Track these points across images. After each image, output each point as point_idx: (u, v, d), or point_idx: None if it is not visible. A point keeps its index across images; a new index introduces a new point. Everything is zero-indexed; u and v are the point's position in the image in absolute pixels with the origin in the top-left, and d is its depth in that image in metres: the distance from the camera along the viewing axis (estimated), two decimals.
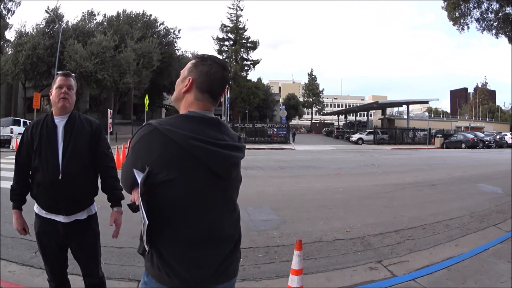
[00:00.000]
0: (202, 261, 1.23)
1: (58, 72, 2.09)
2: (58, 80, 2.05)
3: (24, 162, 2.04)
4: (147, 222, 1.15)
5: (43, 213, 2.02)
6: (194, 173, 1.21)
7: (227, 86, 1.37)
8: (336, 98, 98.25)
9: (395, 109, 63.06)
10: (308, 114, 72.94)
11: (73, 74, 2.15)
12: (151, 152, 1.20)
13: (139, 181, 1.16)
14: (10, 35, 28.63)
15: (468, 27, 12.43)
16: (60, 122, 2.03)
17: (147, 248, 1.22)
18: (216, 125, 1.29)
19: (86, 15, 31.18)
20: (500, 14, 11.84)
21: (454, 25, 12.52)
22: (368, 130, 37.81)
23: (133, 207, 1.21)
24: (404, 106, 48.39)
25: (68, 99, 2.04)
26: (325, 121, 75.65)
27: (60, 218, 1.99)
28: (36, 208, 2.05)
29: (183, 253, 1.21)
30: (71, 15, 65.18)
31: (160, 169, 1.18)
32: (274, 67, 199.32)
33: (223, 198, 1.30)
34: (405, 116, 44.92)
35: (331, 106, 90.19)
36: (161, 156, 1.19)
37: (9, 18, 28.65)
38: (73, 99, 2.08)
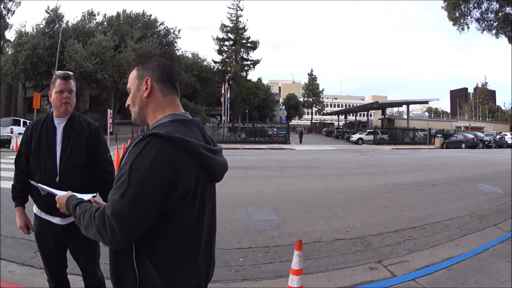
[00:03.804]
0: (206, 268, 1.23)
1: (56, 72, 2.06)
2: (58, 84, 2.03)
3: (24, 162, 2.04)
4: None
5: (42, 214, 2.02)
6: (204, 184, 1.13)
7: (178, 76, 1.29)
8: (336, 98, 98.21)
9: (395, 109, 63.03)
10: (308, 114, 72.96)
11: (71, 73, 2.13)
12: (164, 176, 1.02)
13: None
14: (10, 35, 28.65)
15: (468, 27, 12.45)
16: (59, 124, 2.03)
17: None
18: (201, 128, 1.21)
19: (86, 15, 31.15)
20: (500, 14, 11.84)
21: (454, 25, 12.52)
22: (368, 130, 37.74)
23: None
24: (404, 106, 48.35)
25: (70, 103, 2.04)
26: (325, 121, 75.66)
27: (57, 220, 1.99)
28: (35, 209, 2.06)
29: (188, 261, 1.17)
30: (71, 15, 65.15)
31: (176, 189, 1.04)
32: (274, 67, 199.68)
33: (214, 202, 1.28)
34: (405, 116, 44.86)
35: (331, 106, 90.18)
36: (180, 174, 1.04)
37: (9, 18, 28.66)
38: (74, 102, 2.08)
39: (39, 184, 1.62)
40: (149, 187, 1.00)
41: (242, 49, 45.17)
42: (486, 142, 29.31)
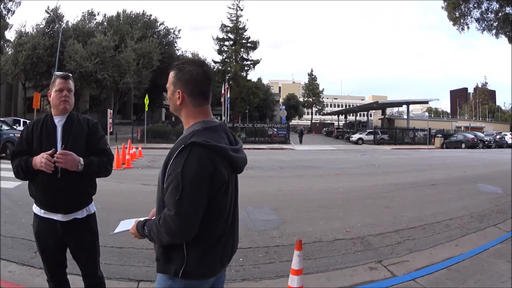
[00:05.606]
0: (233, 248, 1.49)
1: (56, 73, 2.15)
2: (57, 83, 2.06)
3: (22, 154, 2.01)
4: None
5: (42, 213, 2.02)
6: (231, 176, 1.38)
7: (212, 79, 1.46)
8: (336, 98, 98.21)
9: (395, 109, 63.10)
10: (308, 114, 72.95)
11: (70, 75, 2.16)
12: (207, 176, 1.26)
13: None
14: (10, 35, 28.69)
15: (468, 27, 12.42)
16: (59, 122, 2.06)
17: None
18: (226, 131, 1.44)
19: (86, 15, 31.18)
20: (500, 14, 11.83)
21: (454, 25, 12.50)
22: (368, 130, 37.73)
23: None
24: (404, 106, 48.37)
25: (68, 101, 2.07)
26: (325, 121, 75.65)
27: (58, 217, 2.00)
28: (35, 208, 2.06)
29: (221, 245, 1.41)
30: (71, 15, 65.06)
31: (215, 181, 1.28)
32: (275, 67, 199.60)
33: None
34: (405, 116, 44.87)
35: (331, 106, 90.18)
36: (217, 171, 1.28)
37: (9, 18, 28.72)
38: (73, 101, 2.11)
39: (118, 231, 1.63)
40: (198, 183, 1.24)
41: (242, 49, 45.14)
42: (486, 142, 29.32)
